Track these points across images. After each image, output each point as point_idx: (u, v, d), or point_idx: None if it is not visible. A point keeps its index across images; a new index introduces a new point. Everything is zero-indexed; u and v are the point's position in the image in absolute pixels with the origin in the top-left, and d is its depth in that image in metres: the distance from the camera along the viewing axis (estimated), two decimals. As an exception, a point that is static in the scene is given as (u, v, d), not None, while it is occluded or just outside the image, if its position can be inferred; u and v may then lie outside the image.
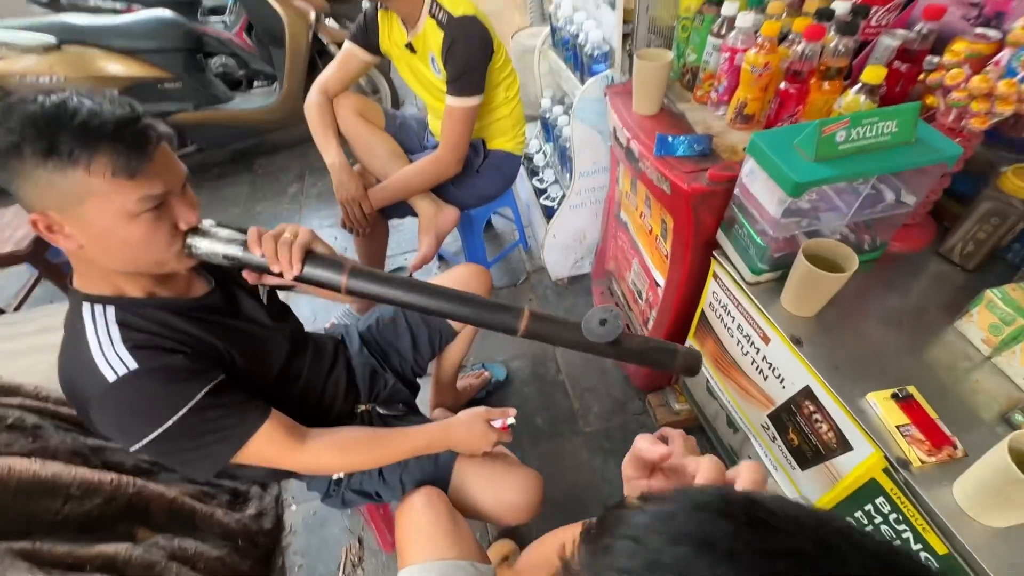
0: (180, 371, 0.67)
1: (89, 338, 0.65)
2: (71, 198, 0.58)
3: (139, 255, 0.65)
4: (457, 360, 1.33)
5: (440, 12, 1.23)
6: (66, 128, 0.56)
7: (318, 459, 0.81)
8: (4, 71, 2.14)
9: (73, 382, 0.67)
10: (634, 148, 1.08)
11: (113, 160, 0.57)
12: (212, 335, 0.75)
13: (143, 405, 0.65)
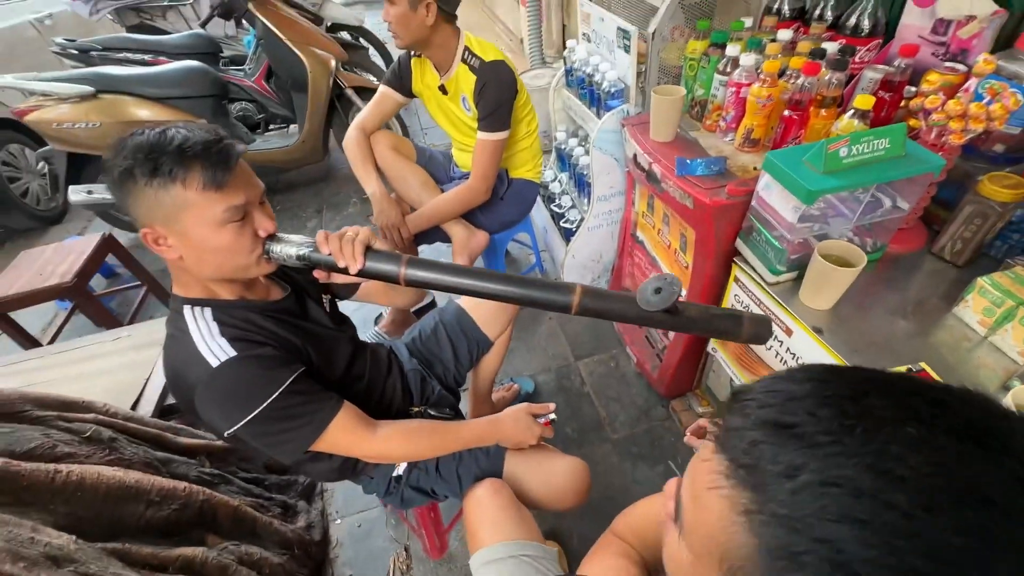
0: (270, 359, 0.77)
1: (192, 333, 0.75)
2: (172, 211, 0.69)
3: (226, 261, 0.75)
4: (493, 370, 1.41)
5: (472, 58, 1.40)
6: (166, 152, 0.67)
7: (387, 445, 0.89)
8: (42, 119, 2.27)
9: (181, 371, 0.76)
10: (656, 170, 1.21)
11: (204, 174, 0.68)
12: (290, 333, 0.85)
13: (242, 388, 0.74)
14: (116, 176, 0.68)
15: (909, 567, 0.22)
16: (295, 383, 0.77)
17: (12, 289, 1.74)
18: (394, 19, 1.32)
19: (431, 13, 1.32)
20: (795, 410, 0.28)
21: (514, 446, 1.03)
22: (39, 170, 3.06)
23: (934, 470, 0.24)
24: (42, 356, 1.56)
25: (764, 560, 0.26)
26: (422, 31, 1.35)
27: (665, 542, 0.40)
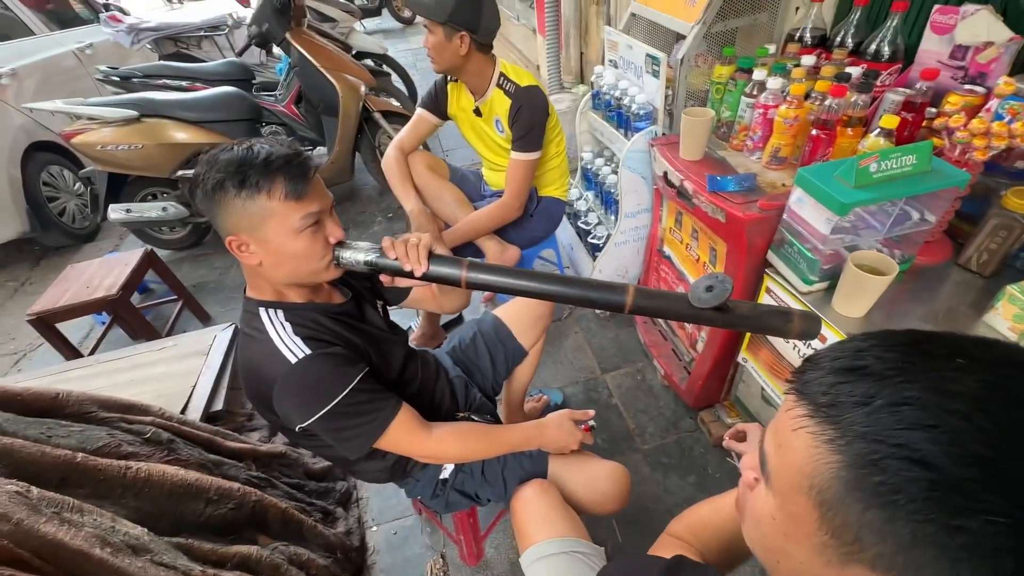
0: (340, 358, 0.82)
1: (271, 332, 0.81)
2: (257, 219, 0.76)
3: (300, 266, 0.81)
4: (527, 380, 1.45)
5: (507, 83, 1.48)
6: (253, 165, 0.74)
7: (442, 446, 0.93)
8: (86, 141, 2.38)
9: (260, 366, 0.81)
10: (688, 187, 1.27)
11: (286, 186, 0.75)
12: (352, 335, 0.90)
13: (317, 383, 0.79)
14: (209, 188, 0.75)
15: (972, 453, 0.27)
16: (362, 381, 0.82)
17: (61, 301, 1.81)
18: (432, 46, 1.42)
19: (464, 44, 1.41)
20: (864, 356, 0.34)
21: (556, 450, 1.07)
22: (76, 190, 3.19)
23: (983, 386, 0.29)
24: (90, 365, 1.62)
25: (849, 472, 0.31)
26: (456, 59, 1.44)
27: (746, 513, 0.44)
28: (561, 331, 2.01)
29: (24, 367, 2.33)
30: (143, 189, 2.66)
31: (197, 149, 2.55)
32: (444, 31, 1.38)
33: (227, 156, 0.76)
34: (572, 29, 3.08)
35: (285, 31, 2.58)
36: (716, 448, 1.52)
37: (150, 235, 2.79)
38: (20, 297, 2.84)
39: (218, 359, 1.56)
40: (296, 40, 2.60)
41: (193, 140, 2.52)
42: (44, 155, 3.00)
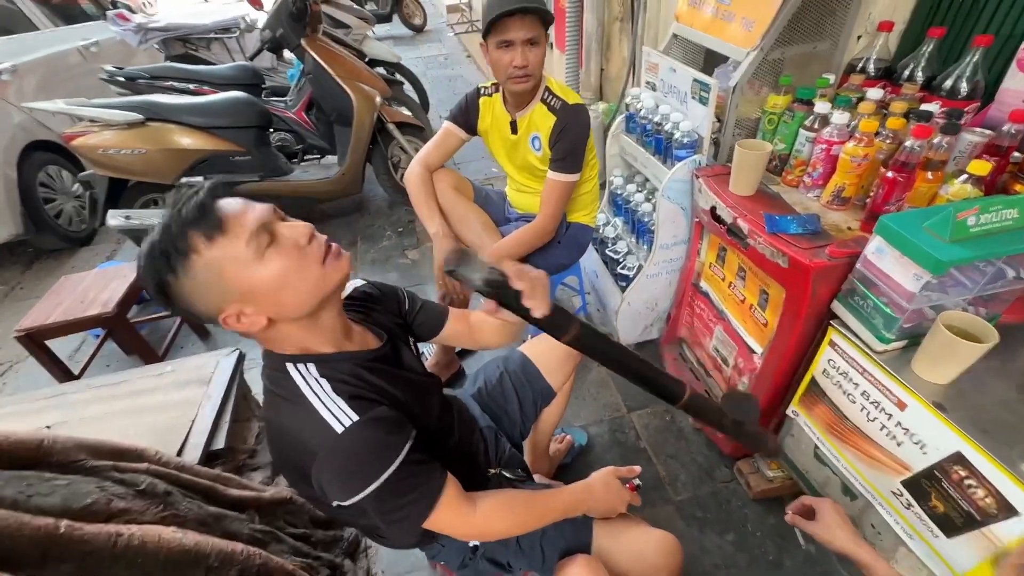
0: (389, 423, 0.71)
1: (309, 395, 0.69)
2: (216, 280, 0.64)
3: (302, 283, 0.68)
4: (554, 423, 1.34)
5: (553, 99, 1.39)
6: (160, 246, 0.62)
7: (489, 523, 0.81)
8: (87, 144, 2.27)
9: (297, 436, 0.69)
10: (742, 226, 1.18)
11: (201, 233, 0.63)
12: (393, 386, 0.79)
13: (366, 456, 0.67)
14: (164, 294, 0.65)
15: None
16: (411, 451, 0.71)
17: (53, 317, 1.70)
18: (538, 62, 1.31)
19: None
20: None
21: (603, 515, 0.96)
22: (74, 192, 3.07)
23: None
24: (82, 390, 1.49)
25: None
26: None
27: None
28: (582, 364, 1.90)
29: (10, 381, 2.20)
30: (144, 195, 2.55)
31: (206, 155, 2.45)
32: (544, 38, 1.28)
33: (143, 261, 0.64)
34: (594, 44, 3.00)
35: (300, 37, 2.49)
36: (756, 503, 1.42)
37: (149, 243, 2.67)
38: (9, 303, 2.71)
39: (220, 390, 1.44)
40: (311, 47, 2.50)
41: (199, 146, 2.42)
42: (42, 155, 2.89)
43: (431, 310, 1.01)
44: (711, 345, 1.55)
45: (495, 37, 1.26)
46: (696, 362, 1.67)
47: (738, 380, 1.43)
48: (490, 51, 1.31)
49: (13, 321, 2.54)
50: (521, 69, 1.29)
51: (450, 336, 1.03)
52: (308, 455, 0.67)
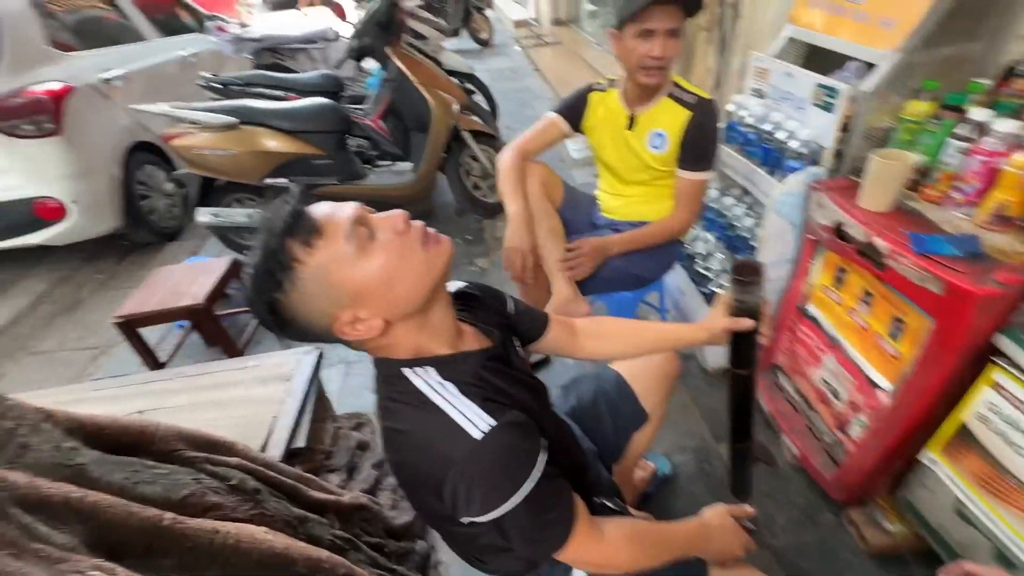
0: (524, 427, 0.65)
1: (434, 398, 0.64)
2: (324, 287, 0.61)
3: (410, 271, 0.64)
4: (643, 448, 1.24)
5: (684, 93, 1.32)
6: (264, 264, 0.60)
7: (617, 552, 0.73)
8: (184, 144, 2.40)
9: (430, 444, 0.64)
10: (880, 244, 1.05)
11: (299, 241, 0.60)
12: (511, 387, 0.72)
13: (508, 463, 0.62)
14: (271, 314, 0.62)
15: None
16: (546, 463, 0.64)
17: (147, 306, 1.77)
18: (675, 53, 1.24)
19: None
20: None
21: (718, 558, 0.85)
22: (166, 190, 3.27)
23: None
24: (171, 378, 1.54)
25: None
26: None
27: None
28: (664, 386, 1.79)
29: (102, 363, 2.32)
30: (230, 194, 2.66)
31: (289, 158, 2.53)
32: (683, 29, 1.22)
33: (249, 288, 0.62)
34: (674, 56, 2.91)
35: (385, 45, 2.54)
36: (873, 559, 1.25)
37: (232, 240, 2.79)
38: (105, 291, 2.89)
39: (301, 387, 1.44)
40: (395, 54, 2.56)
41: (284, 149, 2.50)
42: (142, 155, 3.09)
43: (534, 313, 0.95)
44: (818, 376, 1.40)
45: (636, 25, 1.19)
46: (795, 393, 1.52)
47: (853, 417, 1.28)
48: (624, 40, 1.24)
49: (107, 308, 2.71)
50: (658, 61, 1.22)
51: (551, 341, 0.96)
52: (442, 464, 0.61)
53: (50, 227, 2.63)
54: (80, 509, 0.67)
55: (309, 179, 2.56)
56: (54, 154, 2.57)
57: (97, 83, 2.84)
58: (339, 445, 1.50)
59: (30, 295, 2.82)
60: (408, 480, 0.69)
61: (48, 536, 0.60)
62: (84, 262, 3.13)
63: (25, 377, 2.30)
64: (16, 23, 2.55)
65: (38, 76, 2.56)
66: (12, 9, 2.55)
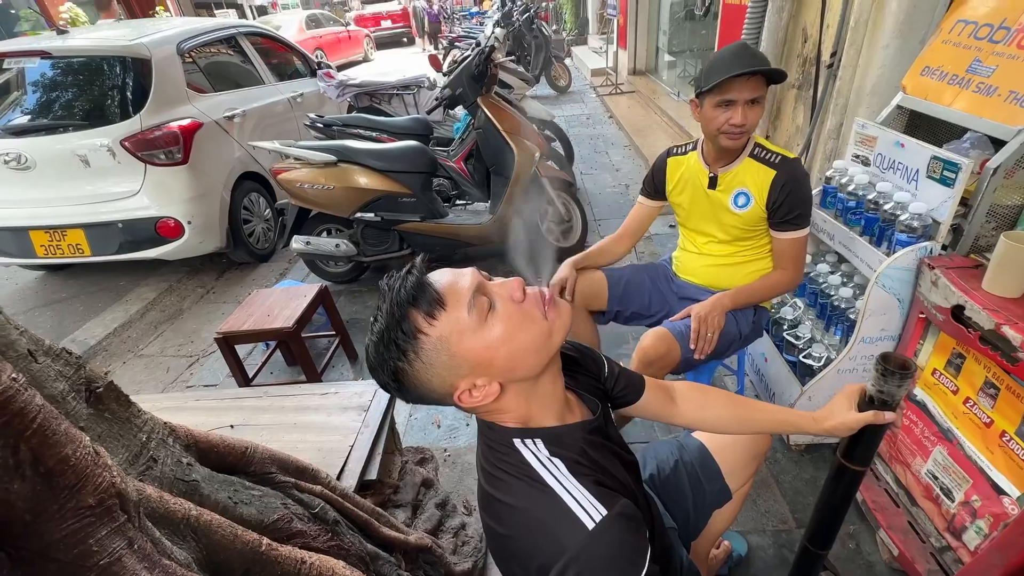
0: (635, 520, 0.62)
1: (547, 479, 0.63)
2: (446, 358, 0.62)
3: (528, 338, 0.64)
4: (723, 529, 1.16)
5: (767, 154, 1.32)
6: (386, 334, 0.61)
7: None
8: (289, 178, 2.63)
9: (542, 530, 0.62)
10: (1010, 335, 0.95)
11: (422, 311, 0.61)
12: (612, 467, 0.71)
13: (620, 558, 0.59)
14: (393, 381, 0.64)
15: None
16: (652, 562, 0.60)
17: (244, 325, 1.92)
18: (757, 121, 1.27)
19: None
20: None
21: None
22: (265, 216, 3.58)
23: None
24: (260, 396, 1.64)
25: None
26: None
27: None
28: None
29: (195, 371, 2.52)
30: (321, 224, 2.87)
31: (379, 195, 2.71)
32: (765, 96, 1.26)
33: (372, 352, 0.64)
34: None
35: (477, 95, 2.70)
36: None
37: (318, 266, 2.99)
38: (204, 303, 3.16)
39: (376, 419, 1.49)
40: (484, 104, 2.71)
41: (375, 186, 2.68)
42: (249, 183, 3.42)
43: (631, 376, 0.91)
44: (923, 469, 1.27)
45: (715, 96, 1.22)
46: (895, 483, 1.38)
47: (969, 522, 1.14)
48: (704, 108, 1.27)
49: (205, 319, 2.97)
50: (739, 128, 1.24)
51: (646, 406, 0.92)
52: (554, 549, 0.59)
53: (168, 243, 2.95)
54: (197, 526, 0.72)
55: (395, 215, 2.72)
56: (179, 180, 2.91)
57: (220, 119, 3.21)
58: (405, 480, 1.52)
59: (142, 302, 3.14)
60: (508, 553, 0.67)
61: (171, 551, 0.64)
62: (188, 276, 3.46)
63: (129, 378, 2.53)
64: (163, 68, 2.95)
65: (176, 113, 2.94)
66: (160, 56, 2.96)
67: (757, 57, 1.25)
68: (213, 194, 3.08)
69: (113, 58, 2.89)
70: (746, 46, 1.29)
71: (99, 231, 2.88)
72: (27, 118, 2.91)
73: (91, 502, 0.53)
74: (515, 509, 0.64)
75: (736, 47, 1.28)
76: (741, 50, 1.26)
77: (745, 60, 1.21)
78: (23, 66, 2.91)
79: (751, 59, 1.22)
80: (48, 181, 2.83)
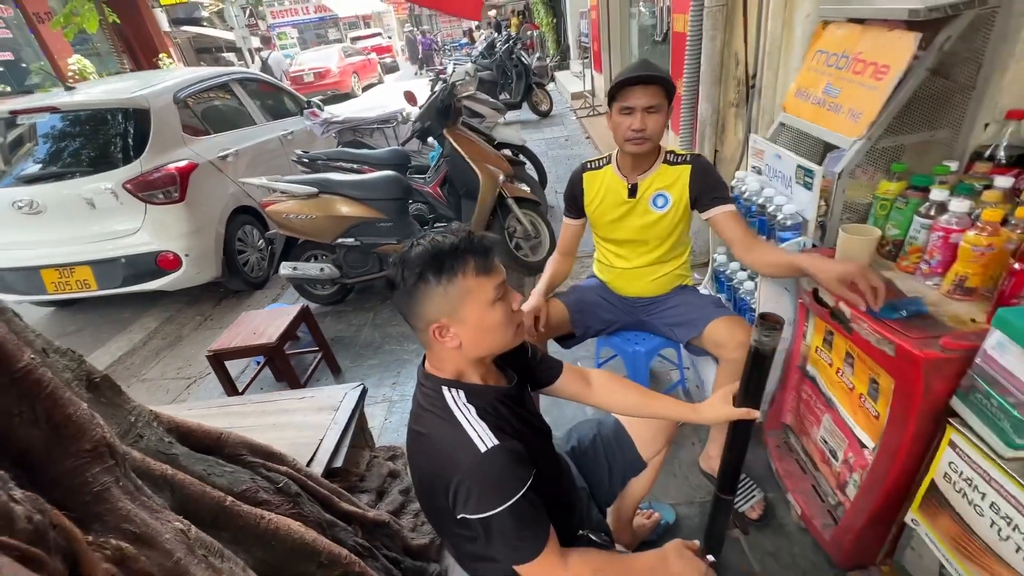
0: (520, 455, 0.82)
1: (457, 415, 0.84)
2: (456, 301, 0.82)
3: (497, 336, 0.86)
4: (640, 495, 1.34)
5: (677, 157, 1.48)
6: (445, 253, 0.82)
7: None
8: (276, 210, 2.88)
9: (446, 449, 0.83)
10: (844, 310, 1.15)
11: (476, 263, 0.82)
12: (520, 424, 0.90)
13: (500, 478, 0.79)
14: (410, 284, 0.83)
15: None
16: (531, 489, 0.80)
17: (233, 343, 2.13)
18: (656, 128, 1.39)
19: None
20: None
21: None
22: (258, 246, 3.83)
23: None
24: (245, 403, 1.84)
25: None
26: (661, 134, 1.44)
27: None
28: (677, 440, 1.85)
29: (193, 392, 2.72)
30: (307, 251, 3.10)
31: (358, 221, 2.94)
32: (665, 106, 1.38)
33: (418, 252, 0.83)
34: (708, 129, 3.10)
35: (443, 127, 2.96)
36: (871, 625, 1.24)
37: (306, 289, 3.21)
38: (202, 330, 3.39)
39: (344, 417, 1.68)
40: (450, 135, 2.96)
41: (354, 214, 2.92)
42: (242, 216, 3.68)
43: (550, 362, 1.13)
44: (819, 436, 1.45)
45: (618, 103, 1.38)
46: (803, 453, 1.56)
47: (848, 477, 1.32)
48: (613, 116, 1.41)
49: (202, 344, 3.19)
50: (638, 132, 1.37)
51: (563, 387, 1.13)
52: (451, 466, 0.80)
53: (168, 275, 3.19)
54: (172, 482, 0.92)
55: (373, 239, 2.95)
56: (177, 217, 3.16)
57: (215, 159, 3.49)
58: (372, 471, 1.71)
59: (144, 331, 3.37)
60: (422, 476, 0.87)
61: (150, 495, 0.84)
62: (187, 305, 3.69)
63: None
64: (161, 116, 3.24)
65: (173, 156, 3.21)
66: (159, 106, 3.25)
67: (652, 70, 1.37)
68: (208, 228, 3.33)
69: (116, 109, 3.18)
70: (646, 61, 1.40)
71: (104, 266, 3.13)
72: (38, 167, 3.19)
73: (87, 447, 0.73)
74: (428, 436, 0.85)
75: (638, 62, 1.42)
76: (640, 64, 1.40)
77: (640, 71, 1.36)
78: (34, 120, 3.21)
79: (645, 70, 1.36)
80: (58, 223, 3.09)
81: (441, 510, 0.86)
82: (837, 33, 1.43)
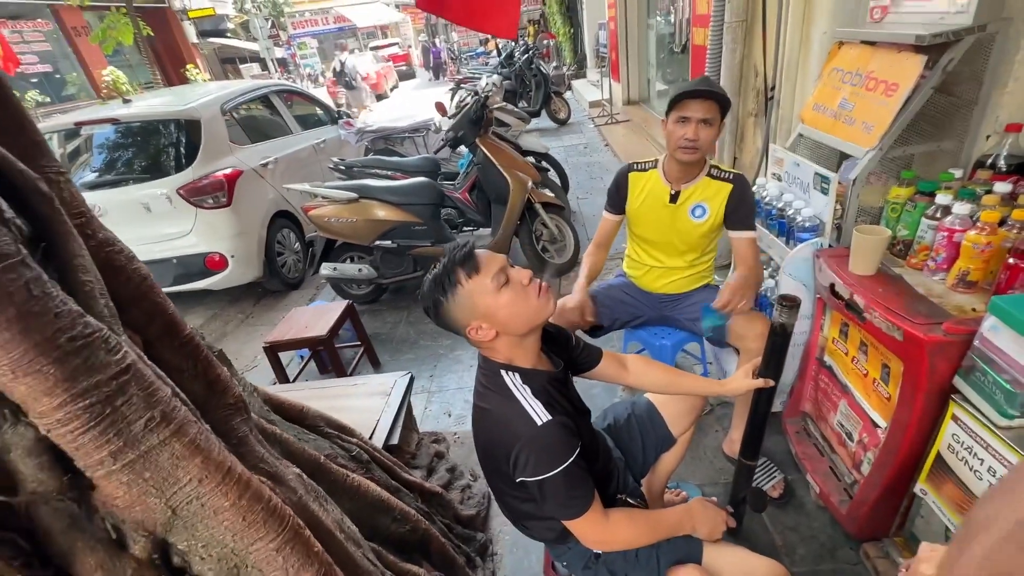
0: (569, 429, 0.96)
1: (516, 394, 0.98)
2: (469, 303, 0.95)
3: (522, 311, 0.97)
4: (671, 469, 1.47)
5: (722, 172, 1.61)
6: (441, 276, 0.96)
7: (617, 531, 1.00)
8: (317, 214, 3.07)
9: (507, 422, 0.97)
10: (858, 301, 1.29)
11: (463, 271, 0.95)
12: (567, 404, 1.05)
13: (554, 446, 0.93)
14: (435, 311, 0.98)
15: None
16: (579, 456, 0.95)
17: (286, 335, 2.31)
18: (708, 139, 1.50)
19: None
20: None
21: (707, 534, 1.08)
22: (295, 248, 4.04)
23: None
24: (302, 389, 2.02)
25: None
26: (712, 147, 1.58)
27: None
28: (701, 427, 1.99)
29: (241, 383, 2.91)
30: (345, 253, 3.29)
31: (394, 225, 3.13)
32: (719, 121, 1.51)
33: (427, 287, 0.99)
34: (728, 136, 3.24)
35: (475, 136, 3.14)
36: (884, 590, 1.36)
37: (343, 289, 3.40)
38: (244, 327, 3.59)
39: (396, 401, 1.85)
40: (482, 143, 3.14)
41: (391, 217, 3.11)
42: (281, 220, 3.89)
43: (591, 349, 1.27)
44: (835, 420, 1.57)
45: (675, 113, 1.51)
46: (821, 438, 1.68)
47: (863, 455, 1.44)
48: (668, 124, 1.53)
49: (245, 340, 3.40)
50: (691, 142, 1.48)
51: (603, 371, 1.27)
52: (512, 437, 0.94)
53: (214, 275, 3.40)
54: (280, 439, 1.09)
55: (409, 241, 3.13)
56: (224, 220, 3.38)
57: (256, 167, 3.71)
58: (421, 451, 1.87)
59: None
60: (486, 446, 1.02)
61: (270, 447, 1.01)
62: (229, 304, 3.91)
63: (186, 390, 2.93)
64: (210, 126, 3.47)
65: (221, 164, 3.44)
66: (208, 116, 3.48)
67: (712, 86, 1.52)
68: (252, 231, 3.54)
69: (170, 121, 3.42)
70: (706, 78, 1.58)
71: (158, 266, 3.35)
72: (97, 174, 3.44)
73: (231, 401, 0.91)
74: (490, 411, 1.01)
75: (699, 78, 1.56)
76: (700, 80, 1.54)
77: (700, 85, 1.51)
78: (93, 131, 3.47)
79: (705, 86, 1.51)
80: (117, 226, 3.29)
81: (502, 475, 1.01)
82: (851, 53, 1.58)
